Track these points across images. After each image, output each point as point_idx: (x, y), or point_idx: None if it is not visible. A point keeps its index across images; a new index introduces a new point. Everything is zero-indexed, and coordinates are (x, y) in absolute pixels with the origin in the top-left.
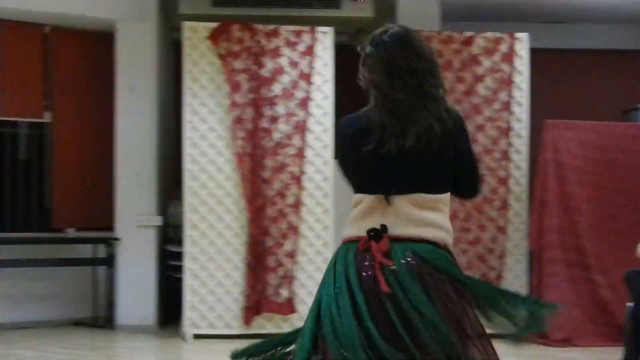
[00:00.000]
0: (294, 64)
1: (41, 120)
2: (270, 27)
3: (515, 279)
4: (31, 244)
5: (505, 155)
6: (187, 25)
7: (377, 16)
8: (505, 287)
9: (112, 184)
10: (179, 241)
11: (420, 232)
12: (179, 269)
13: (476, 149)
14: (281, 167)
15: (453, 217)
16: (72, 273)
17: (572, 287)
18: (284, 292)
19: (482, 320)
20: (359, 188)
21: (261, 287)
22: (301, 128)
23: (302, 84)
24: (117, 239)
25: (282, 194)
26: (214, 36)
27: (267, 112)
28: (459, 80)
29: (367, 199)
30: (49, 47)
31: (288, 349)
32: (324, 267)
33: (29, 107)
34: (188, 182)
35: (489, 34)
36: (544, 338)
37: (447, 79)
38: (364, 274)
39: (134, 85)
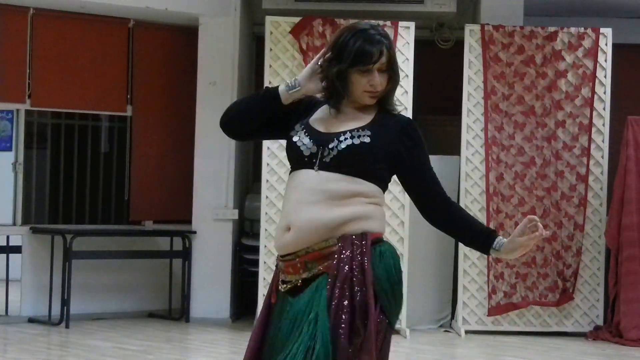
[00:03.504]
0: None
1: (123, 114)
2: (352, 21)
3: (591, 277)
4: (109, 236)
5: (586, 152)
6: (269, 19)
7: (460, 11)
8: (582, 285)
9: (190, 177)
10: (254, 235)
11: None
12: (254, 262)
13: (556, 145)
14: None
15: (531, 212)
16: (148, 265)
17: None
18: None
19: None
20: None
21: None
22: None
23: None
24: (193, 232)
25: None
26: (296, 31)
27: None
28: (541, 75)
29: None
30: (132, 41)
31: None
32: None
33: (112, 101)
34: (266, 176)
35: (573, 29)
36: (619, 337)
37: (528, 74)
38: None
39: (215, 79)
